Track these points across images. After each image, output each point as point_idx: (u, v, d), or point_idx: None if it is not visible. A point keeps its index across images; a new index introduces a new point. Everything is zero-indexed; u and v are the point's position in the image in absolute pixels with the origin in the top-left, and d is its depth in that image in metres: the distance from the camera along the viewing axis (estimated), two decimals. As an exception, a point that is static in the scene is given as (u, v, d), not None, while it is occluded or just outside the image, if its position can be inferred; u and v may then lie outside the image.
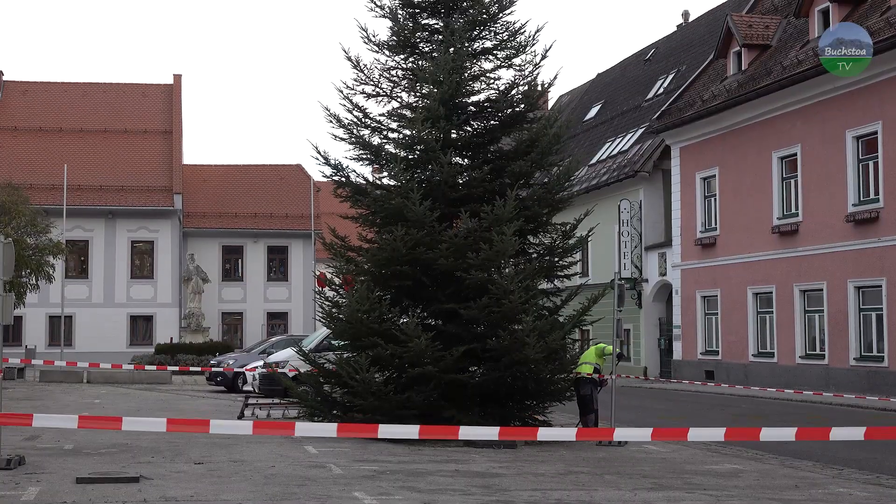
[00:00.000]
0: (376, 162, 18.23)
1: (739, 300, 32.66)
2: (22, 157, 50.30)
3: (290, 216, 53.71)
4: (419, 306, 17.46)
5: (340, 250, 17.88)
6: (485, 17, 17.84)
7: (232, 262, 53.95)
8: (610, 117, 46.56)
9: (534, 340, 15.71)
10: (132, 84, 57.15)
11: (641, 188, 39.00)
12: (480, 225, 16.35)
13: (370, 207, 17.65)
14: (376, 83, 18.12)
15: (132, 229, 50.86)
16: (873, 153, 27.23)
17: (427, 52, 18.09)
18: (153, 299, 50.82)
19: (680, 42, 45.63)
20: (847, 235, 27.86)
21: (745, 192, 32.36)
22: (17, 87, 55.40)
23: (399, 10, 18.08)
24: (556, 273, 17.95)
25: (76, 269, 49.97)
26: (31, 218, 35.69)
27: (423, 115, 17.18)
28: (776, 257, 30.83)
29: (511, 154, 17.79)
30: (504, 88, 18.05)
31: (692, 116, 34.93)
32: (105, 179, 50.66)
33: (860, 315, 27.68)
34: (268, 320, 53.32)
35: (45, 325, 48.62)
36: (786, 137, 30.52)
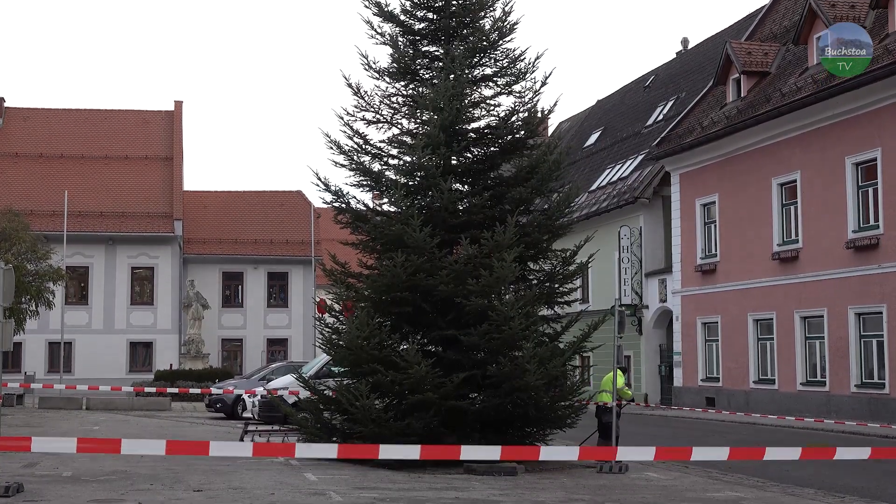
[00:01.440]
0: (377, 188, 18.25)
1: (740, 327, 32.61)
2: (23, 184, 50.37)
3: (290, 242, 53.71)
4: (419, 333, 17.42)
5: (341, 277, 17.86)
6: (485, 44, 17.90)
7: (232, 289, 53.90)
8: (610, 144, 46.66)
9: (534, 367, 15.67)
10: (133, 110, 57.30)
11: (641, 214, 39.02)
12: (481, 251, 16.34)
13: (370, 234, 17.65)
14: (377, 110, 18.17)
15: (132, 255, 50.85)
16: (873, 180, 27.25)
17: (427, 78, 18.14)
18: (153, 325, 50.75)
19: (679, 69, 45.79)
20: (847, 262, 27.84)
21: (745, 219, 32.37)
22: (19, 114, 55.54)
23: (400, 37, 18.15)
24: (556, 299, 17.93)
25: (76, 296, 49.93)
26: (32, 244, 35.65)
27: (423, 141, 17.21)
28: (776, 284, 30.81)
29: (511, 180, 17.81)
30: (504, 115, 18.09)
31: (692, 143, 34.99)
32: (105, 206, 50.70)
33: (861, 342, 27.63)
34: (268, 347, 53.22)
35: (45, 351, 48.53)
36: (785, 164, 30.56)
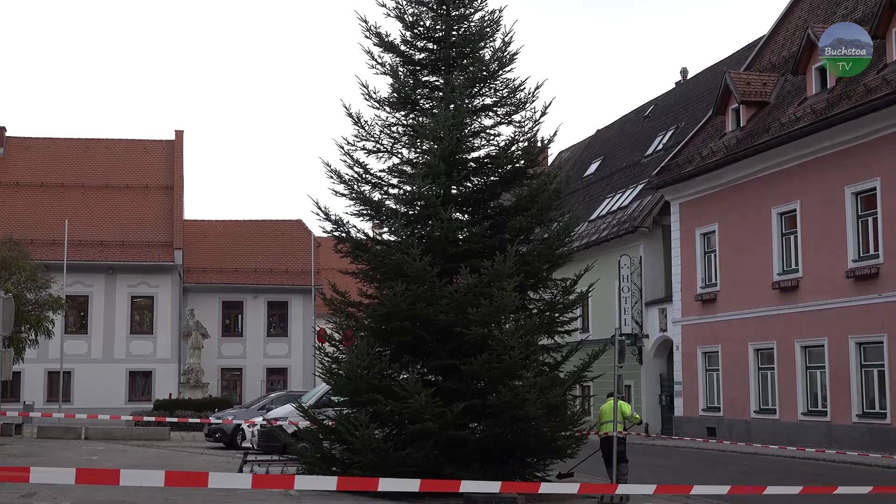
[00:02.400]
0: (377, 217, 18.27)
1: (740, 356, 32.54)
2: (23, 213, 50.42)
3: (290, 271, 53.69)
4: (419, 362, 17.39)
5: (341, 306, 17.84)
6: (485, 74, 17.97)
7: (232, 318, 53.83)
8: (609, 173, 46.74)
9: (534, 397, 15.63)
10: (134, 140, 57.43)
11: (641, 244, 39.03)
12: (481, 280, 16.33)
13: (370, 263, 17.65)
14: (377, 139, 18.21)
15: (132, 284, 50.82)
16: (872, 209, 27.27)
17: (427, 108, 18.20)
18: (152, 355, 50.65)
19: (679, 99, 45.94)
20: (847, 291, 27.82)
21: (745, 248, 32.38)
22: (20, 143, 55.67)
23: (400, 67, 18.22)
24: (556, 329, 17.90)
25: (76, 325, 49.86)
26: (32, 273, 35.65)
27: (423, 171, 17.24)
28: (777, 313, 30.77)
29: (511, 210, 17.83)
30: (504, 144, 18.14)
31: (691, 172, 35.05)
32: (106, 235, 50.73)
33: (862, 371, 27.56)
34: (267, 376, 53.09)
35: (44, 380, 48.40)
36: (785, 193, 30.60)
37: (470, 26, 18.24)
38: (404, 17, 18.21)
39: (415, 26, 18.26)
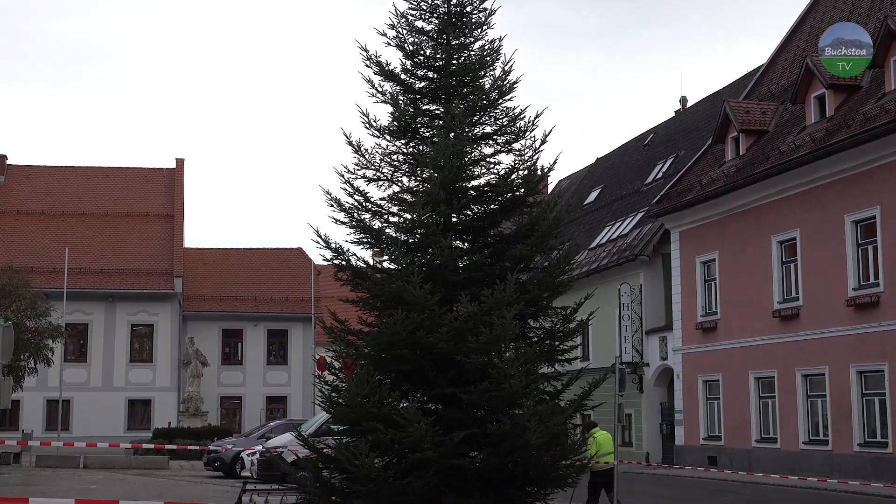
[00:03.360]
0: (377, 245, 18.27)
1: (741, 385, 32.47)
2: (24, 241, 50.49)
3: (290, 300, 53.68)
4: (419, 390, 17.34)
5: (340, 334, 17.81)
6: (485, 102, 18.01)
7: (231, 346, 53.78)
8: (609, 201, 46.81)
9: (535, 425, 15.57)
10: (135, 168, 57.61)
11: (641, 272, 39.03)
12: (481, 308, 16.31)
13: (370, 291, 17.63)
14: (377, 167, 18.23)
15: (132, 313, 50.80)
16: (872, 238, 27.29)
17: (428, 136, 18.23)
18: (152, 383, 50.57)
19: (678, 127, 46.08)
20: (848, 320, 27.80)
21: (746, 277, 32.37)
22: (21, 171, 55.81)
23: (400, 95, 18.27)
24: (556, 357, 17.85)
25: (75, 353, 49.82)
26: (32, 301, 35.68)
27: (423, 199, 17.26)
28: (777, 341, 30.73)
29: (511, 238, 17.83)
30: (504, 173, 18.15)
31: (691, 201, 35.10)
32: (106, 263, 50.77)
33: (863, 400, 27.49)
34: (267, 404, 52.97)
35: (43, 409, 48.30)
36: (785, 222, 30.63)
37: (470, 55, 18.30)
38: (405, 47, 18.28)
39: (415, 55, 18.32)
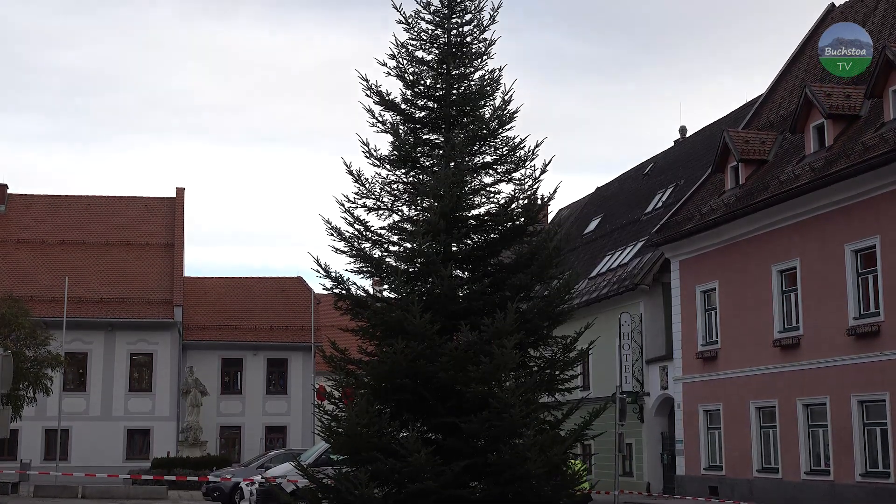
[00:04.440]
0: (377, 275, 18.29)
1: (742, 414, 32.36)
2: (24, 270, 50.52)
3: (290, 329, 53.63)
4: (419, 420, 17.31)
5: (340, 363, 17.80)
6: (485, 132, 18.09)
7: (231, 375, 53.69)
8: (609, 230, 46.83)
9: (535, 455, 15.54)
10: (135, 197, 57.76)
11: (642, 301, 38.99)
12: (481, 338, 16.31)
13: (370, 320, 17.63)
14: (377, 197, 18.29)
15: (132, 342, 50.74)
16: (872, 267, 27.28)
17: (428, 166, 18.30)
18: (151, 412, 50.43)
19: (678, 157, 46.17)
20: (849, 349, 27.74)
21: (746, 306, 32.34)
22: (22, 200, 55.94)
23: (400, 125, 18.35)
24: (557, 386, 17.84)
25: (74, 382, 49.71)
26: (31, 330, 35.66)
27: (423, 228, 17.30)
28: (778, 371, 30.65)
29: (511, 267, 17.85)
30: (504, 202, 18.21)
31: (691, 230, 35.10)
32: (106, 292, 50.75)
33: (865, 430, 27.39)
34: (266, 434, 52.80)
35: (42, 438, 48.14)
36: (785, 251, 30.62)
37: (470, 85, 18.40)
38: (405, 76, 18.39)
39: (415, 85, 18.42)
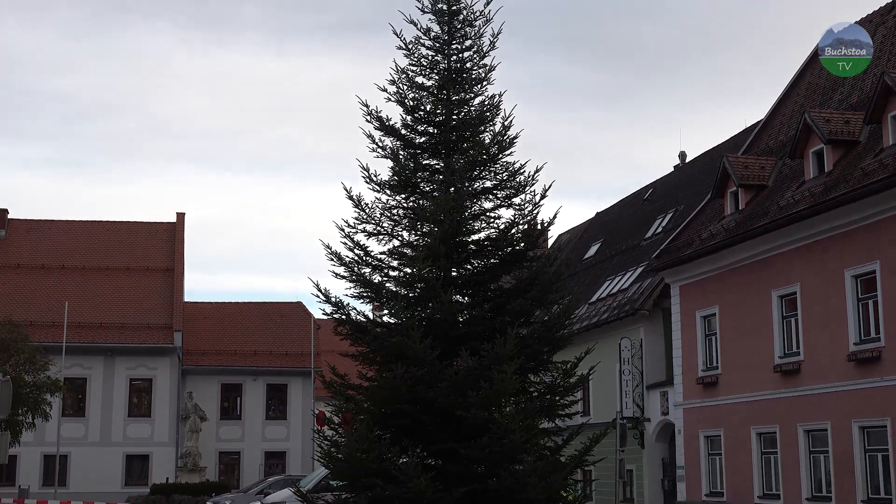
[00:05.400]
0: (377, 300, 18.30)
1: (743, 440, 32.25)
2: (24, 294, 50.51)
3: (289, 354, 53.54)
4: (419, 445, 17.27)
5: (340, 388, 17.78)
6: (485, 157, 18.14)
7: (231, 400, 53.56)
8: (609, 255, 46.85)
9: (535, 481, 15.48)
10: (135, 222, 57.79)
11: (642, 326, 38.94)
12: (481, 363, 16.29)
13: (370, 345, 17.63)
14: (377, 222, 18.33)
15: (131, 367, 50.64)
16: (872, 292, 27.25)
17: (428, 191, 18.34)
18: (150, 438, 50.26)
19: (677, 182, 46.23)
20: (849, 375, 27.68)
21: (746, 331, 32.29)
22: (22, 225, 56.00)
23: (401, 150, 18.41)
24: (557, 412, 17.81)
25: (73, 408, 49.58)
26: (30, 355, 35.61)
27: (423, 253, 17.32)
28: (778, 396, 30.57)
29: (511, 292, 17.86)
30: (504, 227, 18.24)
31: (691, 255, 35.10)
32: (105, 317, 50.70)
33: (866, 456, 27.28)
34: (266, 460, 52.61)
35: (40, 464, 47.96)
36: (785, 276, 30.60)
37: (470, 110, 18.47)
38: (405, 102, 18.46)
39: (415, 110, 18.50)
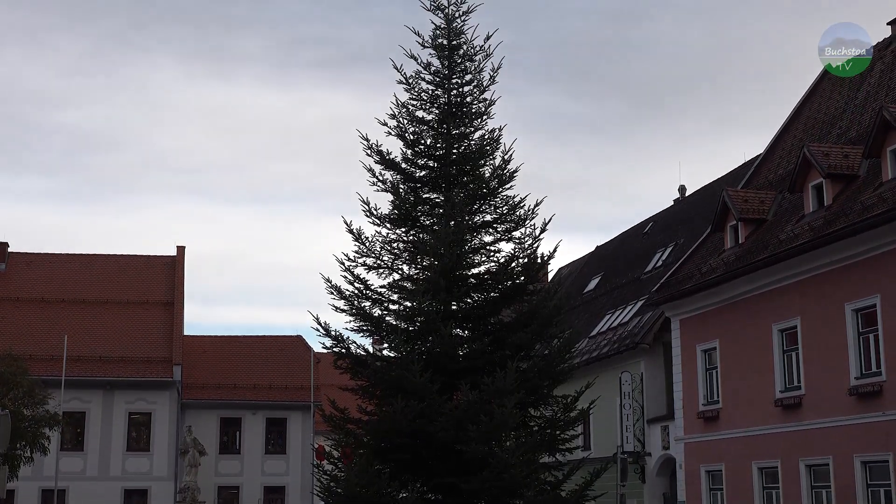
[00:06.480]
0: (377, 333, 18.30)
1: (744, 475, 32.09)
2: (23, 328, 50.41)
3: (289, 388, 53.37)
4: (419, 480, 17.21)
5: (340, 422, 17.74)
6: (485, 191, 18.22)
7: (230, 434, 53.32)
8: (609, 289, 46.82)
9: (536, 516, 15.42)
10: (135, 256, 57.78)
11: (642, 360, 38.86)
12: (481, 397, 16.27)
13: (370, 379, 17.62)
14: (377, 255, 18.38)
15: (130, 401, 50.45)
16: (873, 326, 27.21)
17: (428, 224, 18.39)
18: (149, 472, 49.99)
19: (677, 216, 46.29)
20: (850, 409, 27.58)
21: (747, 365, 32.22)
22: (22, 259, 56.00)
23: (401, 184, 18.49)
24: (557, 446, 17.77)
25: (71, 442, 49.34)
26: (29, 389, 35.47)
27: (423, 286, 17.35)
28: (780, 431, 30.45)
29: (511, 325, 17.86)
30: (504, 261, 18.28)
31: (691, 289, 35.07)
32: (105, 350, 50.59)
33: (868, 491, 27.13)
34: (265, 494, 52.30)
35: (38, 499, 47.66)
36: (785, 310, 30.57)
37: (470, 144, 18.57)
38: (405, 136, 18.56)
39: (416, 144, 18.59)
